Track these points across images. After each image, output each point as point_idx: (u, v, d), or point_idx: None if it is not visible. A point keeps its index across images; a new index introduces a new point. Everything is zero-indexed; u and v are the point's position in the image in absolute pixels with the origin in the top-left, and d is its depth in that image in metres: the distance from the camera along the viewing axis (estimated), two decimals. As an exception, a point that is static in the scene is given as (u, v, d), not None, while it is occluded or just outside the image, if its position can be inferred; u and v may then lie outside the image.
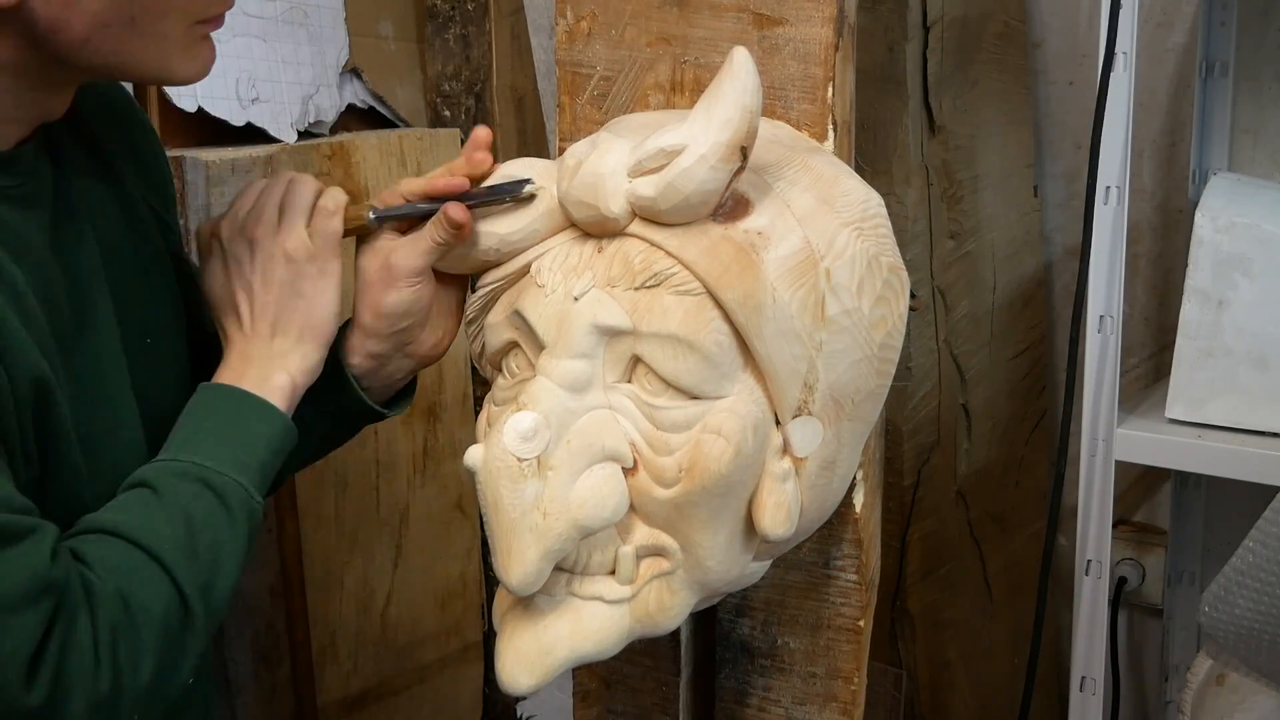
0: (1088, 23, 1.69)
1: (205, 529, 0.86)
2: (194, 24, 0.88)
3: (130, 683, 0.80)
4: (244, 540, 0.88)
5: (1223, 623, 1.12)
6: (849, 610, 1.01)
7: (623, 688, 1.10)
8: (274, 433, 0.92)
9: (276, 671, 1.60)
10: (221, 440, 0.90)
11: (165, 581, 0.83)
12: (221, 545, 0.86)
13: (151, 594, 0.82)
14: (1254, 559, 1.06)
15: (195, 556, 0.84)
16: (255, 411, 0.92)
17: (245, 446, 0.90)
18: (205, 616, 0.85)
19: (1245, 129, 1.57)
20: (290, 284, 0.94)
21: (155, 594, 0.82)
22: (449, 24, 1.76)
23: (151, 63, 0.88)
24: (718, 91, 0.81)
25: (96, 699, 0.78)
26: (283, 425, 0.93)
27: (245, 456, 0.90)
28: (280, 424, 0.92)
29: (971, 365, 1.69)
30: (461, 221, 0.92)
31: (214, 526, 0.86)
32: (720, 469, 0.83)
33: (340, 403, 1.03)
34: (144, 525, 0.84)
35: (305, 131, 1.61)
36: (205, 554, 0.85)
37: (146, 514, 0.85)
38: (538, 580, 0.83)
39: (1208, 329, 1.30)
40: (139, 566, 0.82)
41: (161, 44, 0.87)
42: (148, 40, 0.86)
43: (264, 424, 0.92)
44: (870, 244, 0.88)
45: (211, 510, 0.86)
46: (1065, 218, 1.77)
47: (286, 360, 0.94)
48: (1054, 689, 1.85)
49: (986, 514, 1.75)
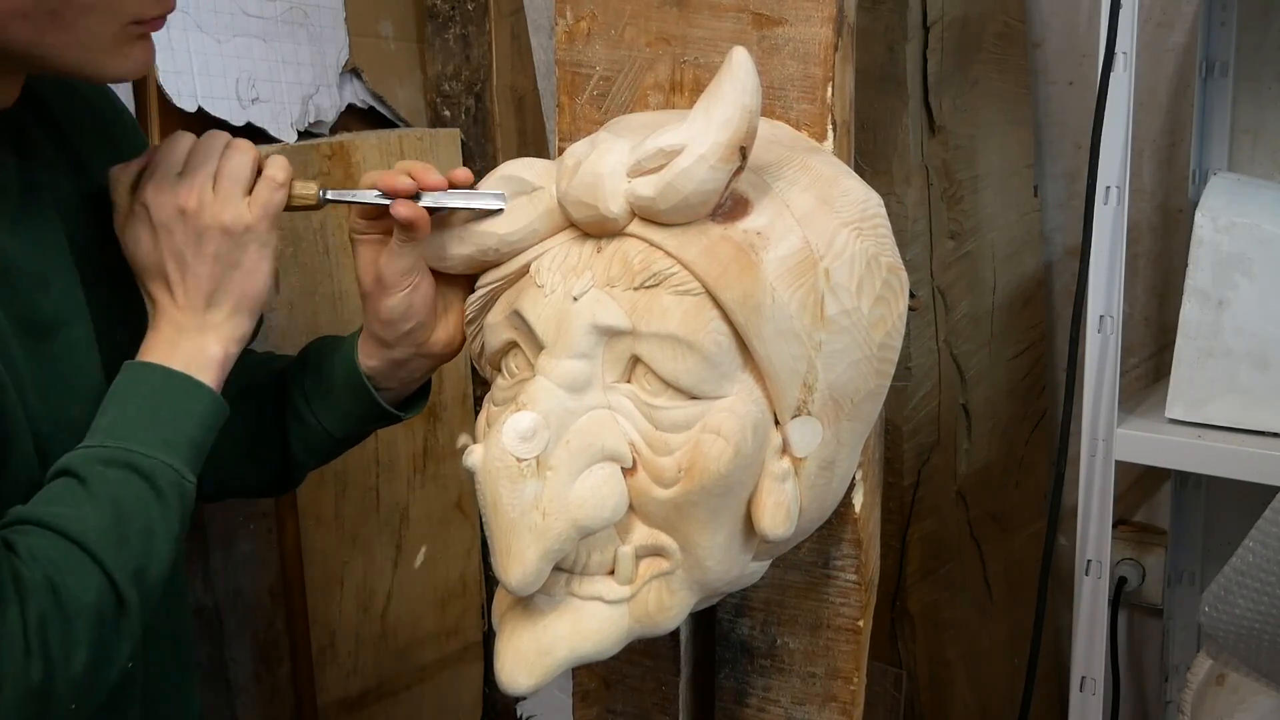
0: (1088, 23, 1.69)
1: (135, 515, 0.85)
2: (127, 24, 0.87)
3: (63, 672, 0.79)
4: (175, 522, 0.87)
5: (1223, 623, 1.12)
6: (848, 610, 1.01)
7: (622, 688, 1.10)
8: (203, 409, 0.90)
9: (276, 671, 1.60)
10: (148, 422, 0.88)
11: (95, 571, 0.82)
12: (153, 530, 0.85)
13: (81, 583, 0.81)
14: (1254, 559, 1.06)
15: (125, 543, 0.83)
16: (182, 389, 0.90)
17: (173, 426, 0.88)
18: (139, 602, 0.84)
19: (1245, 129, 1.57)
20: (226, 256, 0.91)
21: (85, 584, 0.81)
22: (449, 24, 1.76)
23: (74, 58, 0.86)
24: (717, 91, 0.81)
25: (28, 689, 0.77)
26: (211, 400, 0.91)
27: (173, 436, 0.88)
28: (208, 399, 0.91)
29: (971, 365, 1.69)
30: (409, 218, 0.92)
31: (144, 512, 0.85)
32: (719, 469, 0.83)
33: (357, 407, 1.03)
34: (71, 515, 0.83)
35: (305, 131, 1.61)
36: (136, 540, 0.84)
37: (73, 503, 0.84)
38: (537, 580, 0.83)
39: (1208, 329, 1.30)
40: (67, 555, 0.81)
41: (87, 41, 0.85)
42: (70, 35, 0.85)
43: (192, 401, 0.90)
44: (869, 244, 0.88)
45: (140, 495, 0.85)
46: (1065, 218, 1.77)
47: (220, 331, 0.92)
48: (1054, 689, 1.85)
49: (986, 514, 1.75)
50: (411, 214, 0.92)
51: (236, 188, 0.92)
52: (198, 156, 0.93)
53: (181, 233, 0.91)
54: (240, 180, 0.92)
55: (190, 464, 0.89)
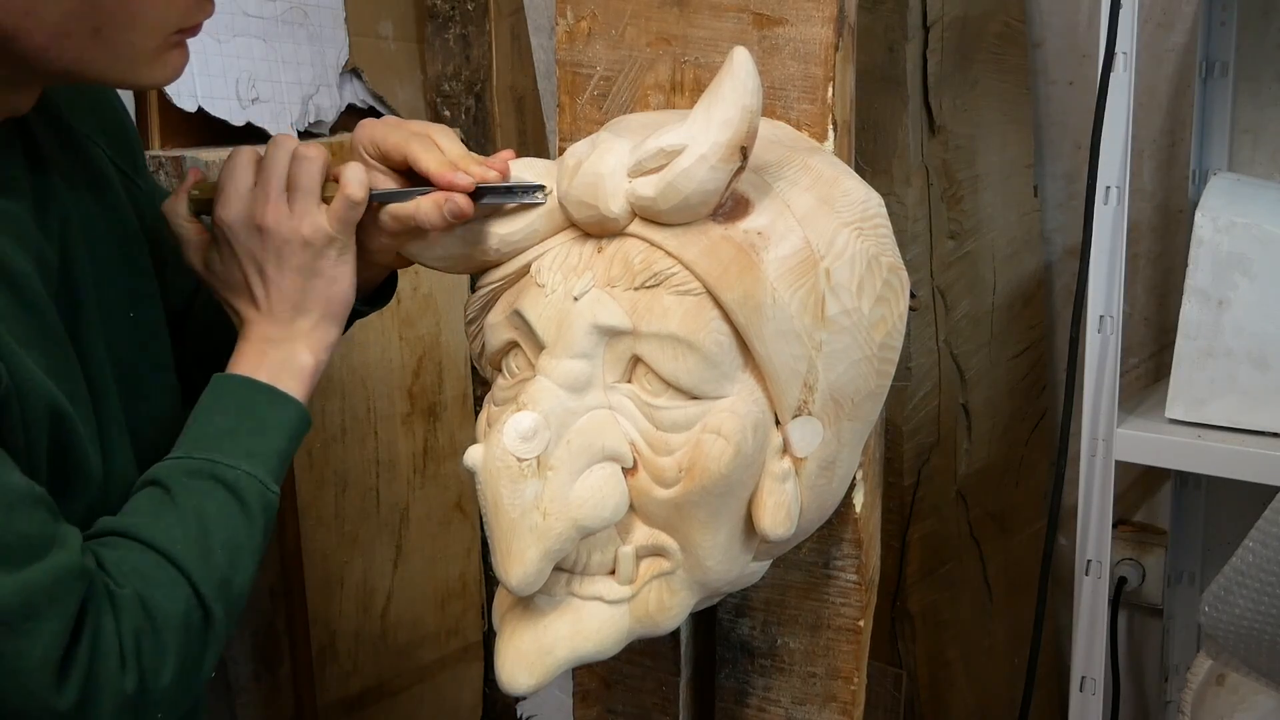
0: (1088, 23, 1.68)
1: (220, 527, 0.86)
2: (169, 34, 0.87)
3: (154, 683, 0.80)
4: (260, 534, 0.88)
5: (1223, 623, 1.12)
6: (849, 610, 1.01)
7: (623, 688, 1.10)
8: (289, 419, 0.91)
9: (276, 671, 1.60)
10: (234, 433, 0.89)
11: (182, 583, 0.83)
12: (238, 541, 0.86)
13: (169, 596, 0.82)
14: (1254, 559, 1.06)
15: (210, 554, 0.84)
16: (268, 400, 0.91)
17: (258, 437, 0.89)
18: (224, 614, 0.85)
19: (1245, 129, 1.57)
20: (308, 267, 0.91)
21: (173, 596, 0.82)
22: (449, 24, 1.76)
23: (116, 70, 0.86)
24: (718, 91, 0.81)
25: (123, 701, 0.79)
26: (297, 411, 0.92)
27: (259, 447, 0.89)
28: (294, 410, 0.92)
29: (971, 365, 1.69)
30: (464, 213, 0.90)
31: (229, 524, 0.86)
32: (720, 469, 0.83)
33: None
34: (157, 527, 0.84)
35: (305, 131, 1.61)
36: (221, 552, 0.85)
37: (159, 515, 0.85)
38: (537, 580, 0.83)
39: (1208, 329, 1.30)
40: (154, 569, 0.83)
41: (128, 53, 0.85)
42: (113, 49, 0.84)
43: (277, 412, 0.91)
44: (870, 244, 0.88)
45: (225, 507, 0.86)
46: (1065, 218, 1.77)
47: (310, 339, 0.93)
48: (1054, 689, 1.85)
49: (986, 514, 1.75)
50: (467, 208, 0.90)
51: (311, 199, 0.91)
52: (267, 169, 0.92)
53: (261, 249, 0.91)
54: (314, 191, 0.92)
55: (275, 474, 0.89)
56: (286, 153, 0.93)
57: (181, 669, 0.82)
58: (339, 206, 0.91)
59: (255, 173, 0.93)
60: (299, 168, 0.92)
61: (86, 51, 0.84)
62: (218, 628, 0.85)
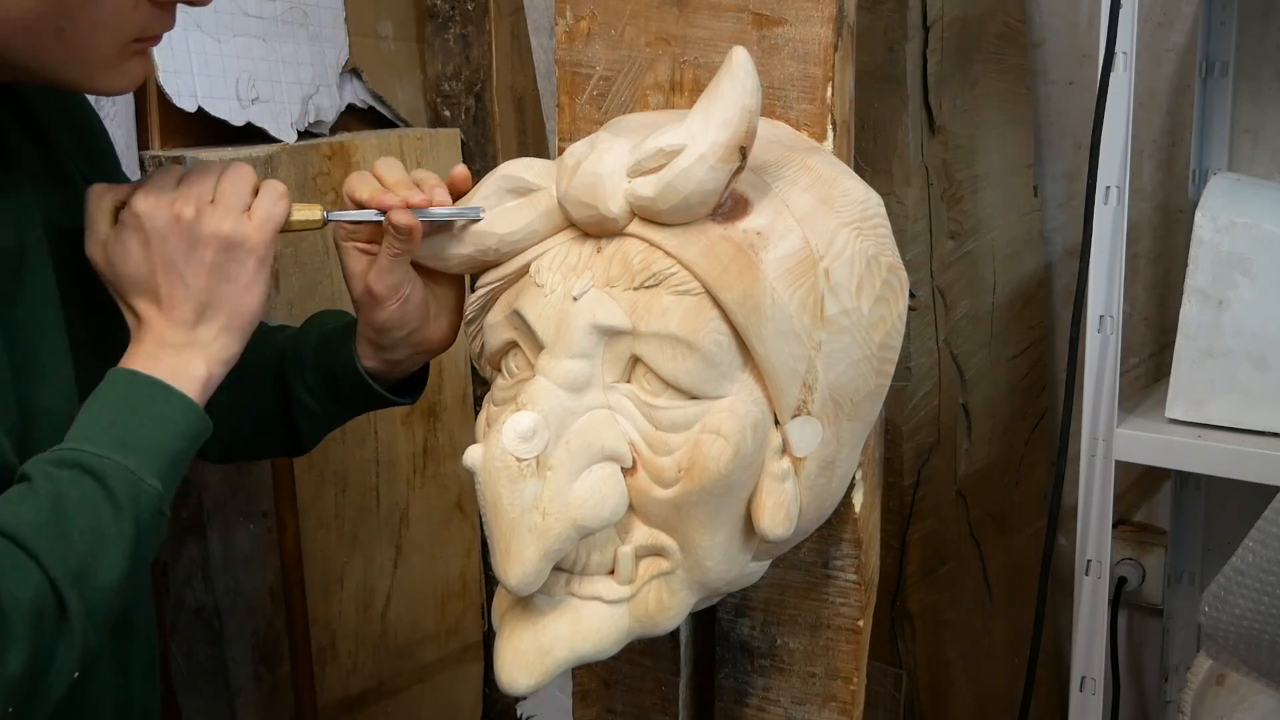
0: (1088, 23, 1.69)
1: (80, 514, 0.81)
2: (130, 42, 0.87)
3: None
4: (130, 525, 0.82)
5: (1223, 623, 1.12)
6: (848, 610, 1.01)
7: (622, 688, 1.10)
8: (174, 415, 0.87)
9: (276, 671, 1.60)
10: (109, 425, 0.85)
11: (32, 568, 0.78)
12: (101, 531, 0.81)
13: (16, 580, 0.77)
14: (1254, 559, 1.06)
15: (65, 540, 0.80)
16: (149, 394, 0.87)
17: (135, 430, 0.85)
18: (82, 606, 0.80)
19: (1245, 129, 1.57)
20: (220, 268, 0.88)
21: (21, 580, 0.77)
22: (449, 24, 1.77)
23: (75, 73, 0.86)
24: (717, 91, 0.81)
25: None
26: (185, 407, 0.87)
27: (133, 439, 0.84)
28: (180, 406, 0.87)
29: (971, 365, 1.69)
30: (408, 226, 0.92)
31: (90, 512, 0.81)
32: (719, 469, 0.83)
33: (357, 398, 1.05)
34: (10, 513, 0.80)
35: (305, 131, 1.61)
36: (79, 539, 0.80)
37: (16, 503, 0.81)
38: (537, 580, 0.83)
39: (1208, 329, 1.30)
40: (3, 551, 0.78)
41: (89, 57, 0.85)
42: (74, 51, 0.84)
43: (160, 406, 0.86)
44: (869, 244, 0.88)
45: (88, 495, 0.82)
46: (1065, 218, 1.77)
47: (208, 350, 0.89)
48: (1054, 689, 1.85)
49: (986, 514, 1.75)
50: (409, 220, 0.92)
51: (236, 200, 0.90)
52: (194, 174, 0.91)
53: (176, 240, 0.88)
54: (240, 194, 0.90)
55: (153, 468, 0.84)
56: (217, 165, 0.92)
57: (32, 659, 0.77)
58: (262, 201, 0.90)
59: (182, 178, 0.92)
60: (227, 175, 0.91)
61: (48, 50, 0.84)
62: (73, 620, 0.79)
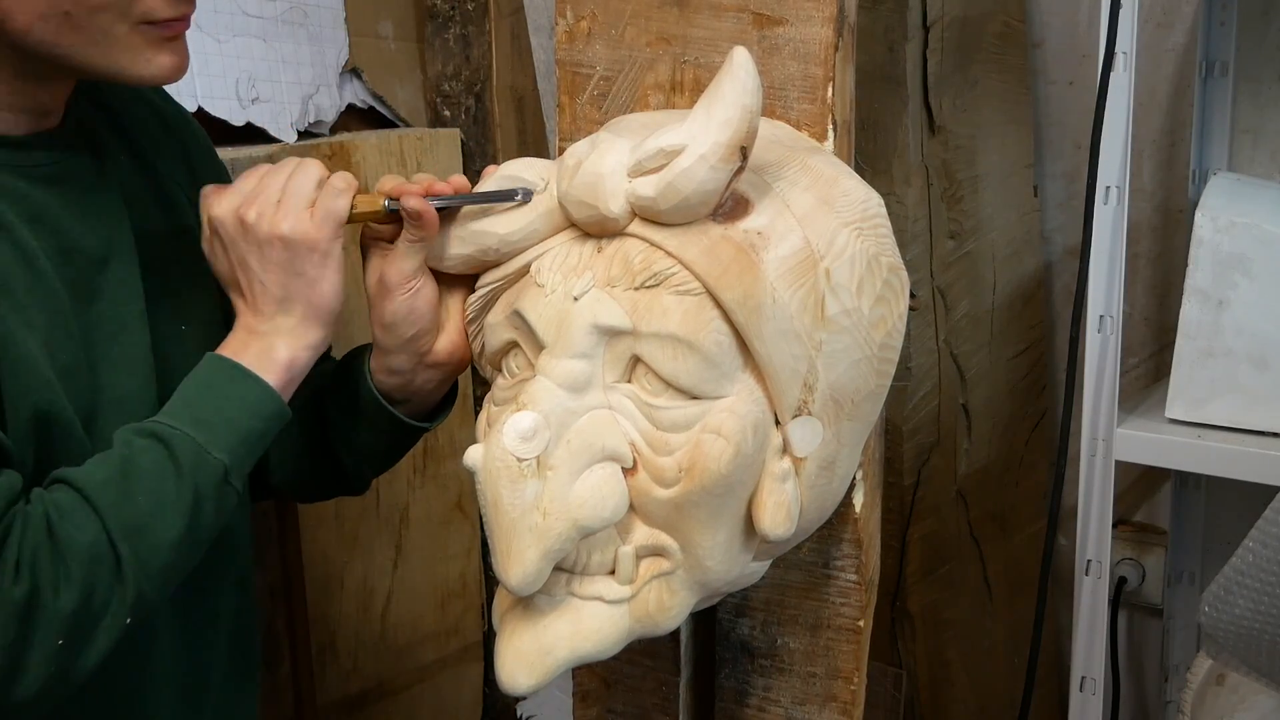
0: (1088, 23, 1.68)
1: (144, 475, 0.87)
2: (139, 25, 0.90)
3: (50, 601, 0.82)
4: (189, 494, 0.88)
5: (1223, 623, 1.12)
6: (849, 610, 1.01)
7: (623, 688, 1.10)
8: (250, 396, 0.93)
9: (276, 671, 1.60)
10: (190, 402, 0.92)
11: (91, 516, 0.85)
12: (163, 495, 0.87)
13: (77, 525, 0.84)
14: (1254, 559, 1.06)
15: (128, 498, 0.86)
16: (228, 375, 0.93)
17: (211, 406, 0.91)
18: (135, 561, 0.86)
19: (1245, 129, 1.57)
20: (288, 264, 0.94)
21: (80, 525, 0.84)
22: (449, 24, 1.76)
23: (97, 59, 0.90)
24: (717, 91, 0.81)
25: (11, 609, 0.81)
26: (261, 390, 0.93)
27: (208, 415, 0.91)
28: (258, 388, 0.93)
29: (971, 365, 1.69)
30: (418, 210, 0.94)
31: (156, 476, 0.87)
32: (720, 469, 0.83)
33: (381, 423, 1.06)
34: (85, 471, 0.87)
35: (305, 131, 1.61)
36: (141, 498, 0.86)
37: (94, 463, 0.88)
38: (537, 580, 0.83)
39: (1208, 329, 1.30)
40: (68, 500, 0.85)
41: (101, 40, 0.89)
42: (86, 35, 0.88)
43: (237, 386, 0.93)
44: (870, 244, 0.88)
45: (157, 462, 0.88)
46: (1065, 218, 1.77)
47: (290, 335, 0.95)
48: (1054, 689, 1.85)
49: (986, 514, 1.75)
50: (420, 205, 0.94)
51: (297, 200, 0.94)
52: (268, 175, 0.96)
53: (244, 242, 0.94)
54: (302, 194, 0.94)
55: (222, 443, 0.90)
56: (290, 164, 0.97)
57: (85, 599, 0.83)
58: (322, 199, 0.94)
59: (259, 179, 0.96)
60: (294, 174, 0.95)
61: (64, 36, 0.88)
62: (126, 571, 0.85)
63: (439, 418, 1.10)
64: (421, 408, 1.07)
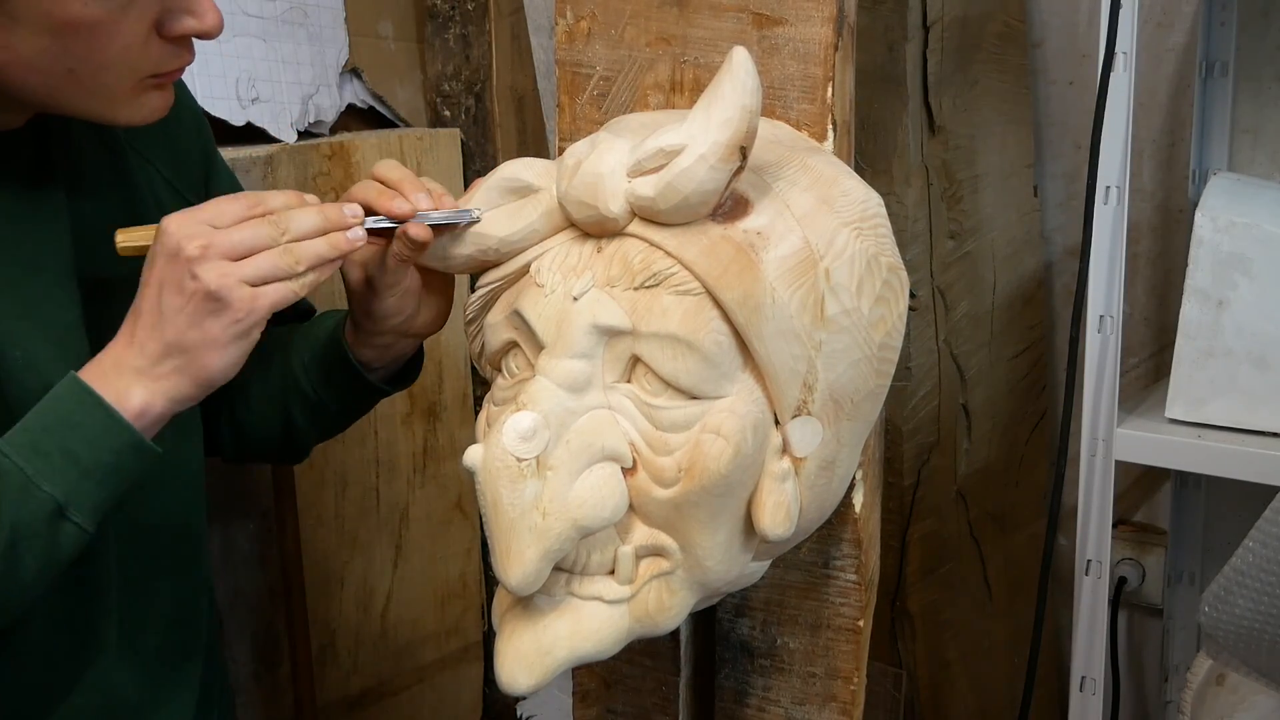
0: (1088, 23, 1.69)
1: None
2: (144, 78, 0.89)
3: None
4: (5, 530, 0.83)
5: (1223, 623, 1.12)
6: (848, 610, 1.01)
7: (622, 688, 1.10)
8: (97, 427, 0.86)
9: (276, 671, 1.60)
10: (34, 427, 0.86)
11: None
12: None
13: None
14: (1254, 559, 1.06)
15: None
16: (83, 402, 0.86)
17: (54, 434, 0.85)
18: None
19: (1245, 129, 1.57)
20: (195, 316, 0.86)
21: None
22: (449, 24, 1.76)
23: (94, 108, 0.89)
24: (717, 91, 0.81)
25: None
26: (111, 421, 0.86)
27: (48, 444, 0.84)
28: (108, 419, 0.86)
29: (971, 365, 1.69)
30: (424, 239, 0.92)
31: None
32: (720, 469, 0.83)
33: (350, 386, 1.06)
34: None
35: (305, 131, 1.61)
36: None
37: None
38: (537, 580, 0.83)
39: (1208, 329, 1.30)
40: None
41: (104, 93, 0.88)
42: (87, 89, 0.87)
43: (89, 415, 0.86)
44: (870, 244, 0.88)
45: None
46: (1065, 218, 1.77)
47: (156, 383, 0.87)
48: (1054, 689, 1.85)
49: (986, 514, 1.75)
50: (426, 235, 0.92)
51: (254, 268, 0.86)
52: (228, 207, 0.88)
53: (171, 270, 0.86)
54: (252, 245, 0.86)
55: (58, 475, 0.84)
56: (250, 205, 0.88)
57: None
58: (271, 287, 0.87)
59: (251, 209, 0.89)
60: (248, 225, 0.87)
61: (62, 89, 0.86)
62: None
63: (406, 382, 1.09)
64: (392, 370, 1.08)
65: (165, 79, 0.91)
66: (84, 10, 0.83)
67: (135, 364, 0.87)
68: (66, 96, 0.87)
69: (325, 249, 0.89)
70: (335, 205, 0.91)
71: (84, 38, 0.84)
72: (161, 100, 0.91)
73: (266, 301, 0.87)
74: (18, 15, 0.82)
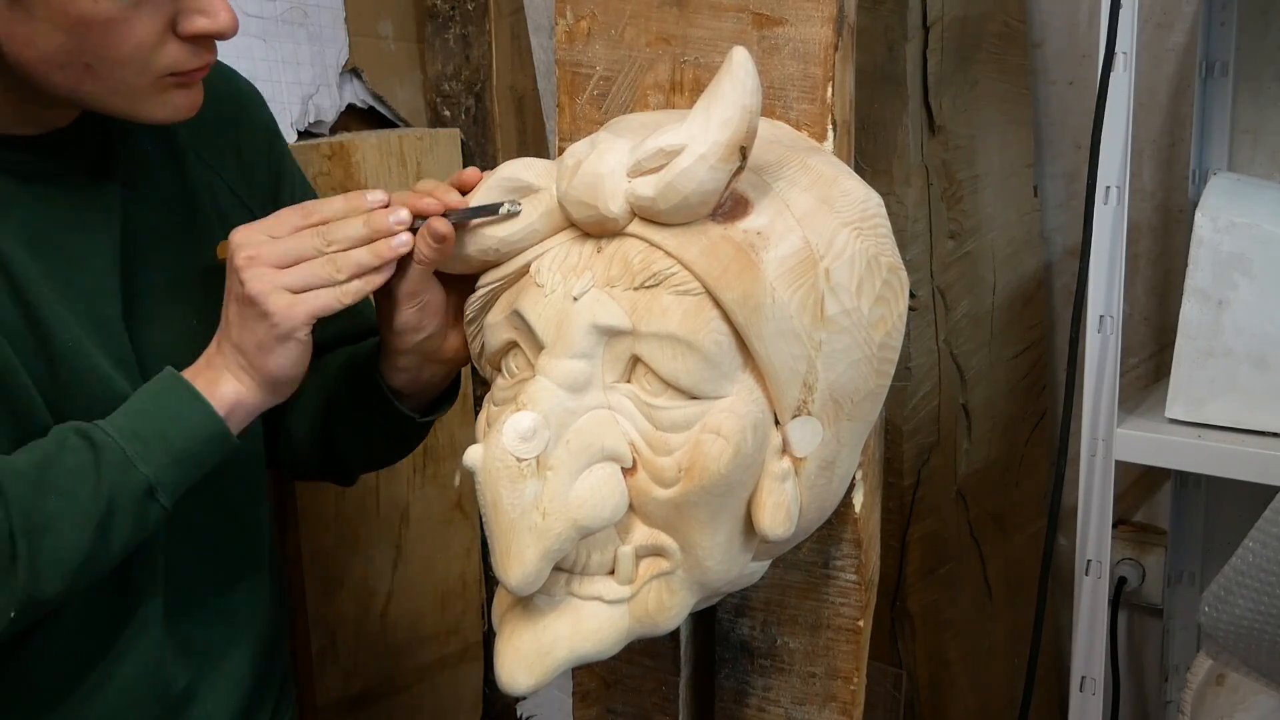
0: (1088, 23, 1.69)
1: (63, 475, 0.87)
2: (163, 76, 0.91)
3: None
4: (103, 503, 0.88)
5: (1223, 623, 1.12)
6: (848, 610, 1.01)
7: (622, 688, 1.10)
8: (191, 416, 0.92)
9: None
10: (135, 412, 0.92)
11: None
12: (75, 497, 0.87)
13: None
14: (1254, 559, 1.06)
15: (40, 494, 0.86)
16: (177, 393, 0.93)
17: (151, 420, 0.91)
18: (29, 559, 0.85)
19: (1245, 129, 1.57)
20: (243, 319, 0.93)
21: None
22: (449, 24, 1.76)
23: (117, 104, 0.91)
24: (717, 91, 0.81)
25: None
26: (203, 412, 0.93)
27: (145, 428, 0.91)
28: (201, 410, 0.92)
29: (971, 365, 1.69)
30: (445, 234, 0.92)
31: (74, 477, 0.87)
32: (719, 469, 0.83)
33: (379, 408, 1.06)
34: (10, 456, 0.88)
35: (305, 131, 1.61)
36: (53, 497, 0.86)
37: (23, 450, 0.89)
38: (537, 580, 0.83)
39: (1208, 329, 1.30)
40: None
41: (124, 89, 0.90)
42: (108, 84, 0.89)
43: (182, 406, 0.92)
44: (869, 244, 0.88)
45: (80, 462, 0.88)
46: (1065, 218, 1.77)
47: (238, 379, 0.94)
48: (1054, 689, 1.85)
49: (986, 514, 1.75)
50: (447, 229, 0.92)
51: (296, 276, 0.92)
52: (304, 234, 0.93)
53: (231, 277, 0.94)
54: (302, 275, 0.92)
55: (152, 459, 0.90)
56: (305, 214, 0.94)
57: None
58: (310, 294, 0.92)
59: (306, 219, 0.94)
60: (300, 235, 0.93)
61: (84, 84, 0.89)
62: (20, 567, 0.85)
63: (441, 409, 1.10)
64: (424, 400, 1.07)
65: (187, 78, 0.92)
66: (95, 7, 0.85)
67: (220, 363, 0.95)
68: (90, 92, 0.90)
69: (368, 257, 0.93)
70: (382, 212, 0.93)
71: (97, 34, 0.86)
72: (186, 99, 0.93)
73: (305, 308, 0.92)
74: (35, 11, 0.85)
